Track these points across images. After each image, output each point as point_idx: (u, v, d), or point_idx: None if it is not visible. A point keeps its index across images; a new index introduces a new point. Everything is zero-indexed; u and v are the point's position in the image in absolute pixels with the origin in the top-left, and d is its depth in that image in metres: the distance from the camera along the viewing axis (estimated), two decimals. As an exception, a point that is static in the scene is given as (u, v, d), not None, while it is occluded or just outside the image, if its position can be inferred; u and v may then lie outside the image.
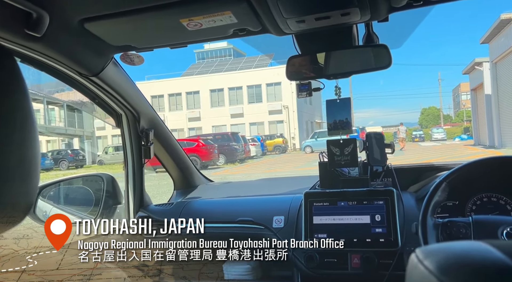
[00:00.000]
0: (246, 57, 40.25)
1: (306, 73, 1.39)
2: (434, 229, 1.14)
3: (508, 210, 1.34)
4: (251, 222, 1.54)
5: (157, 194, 2.10)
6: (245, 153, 20.95)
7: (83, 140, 31.73)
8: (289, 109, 32.65)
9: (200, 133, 30.33)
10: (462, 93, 53.98)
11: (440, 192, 1.19)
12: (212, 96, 35.25)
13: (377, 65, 1.31)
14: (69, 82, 1.43)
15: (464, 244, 0.40)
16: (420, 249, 0.42)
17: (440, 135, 35.38)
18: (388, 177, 1.54)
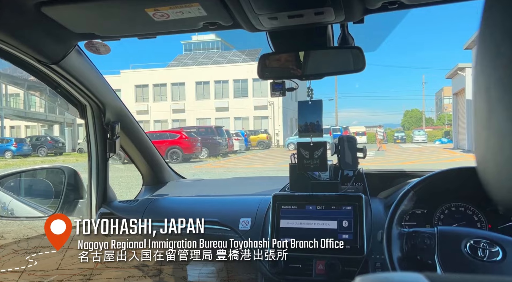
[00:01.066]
0: (233, 51, 40.03)
1: (279, 72, 1.35)
2: (398, 239, 1.11)
3: (475, 220, 1.32)
4: (217, 223, 1.49)
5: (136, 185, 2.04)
6: (228, 147, 20.88)
7: (64, 127, 31.13)
8: (275, 105, 32.68)
9: (184, 125, 30.08)
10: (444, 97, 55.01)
11: (407, 201, 1.16)
12: (198, 89, 34.98)
13: (351, 68, 1.27)
14: (28, 69, 1.35)
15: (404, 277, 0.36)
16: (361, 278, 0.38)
17: (421, 137, 36.00)
18: (359, 181, 1.52)
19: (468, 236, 1.03)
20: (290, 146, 24.78)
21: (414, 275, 0.35)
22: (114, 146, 1.62)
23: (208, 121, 32.97)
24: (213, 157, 18.72)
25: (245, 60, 35.35)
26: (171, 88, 35.36)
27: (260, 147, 27.24)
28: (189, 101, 34.71)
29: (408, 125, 61.79)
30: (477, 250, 1.00)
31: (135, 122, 1.78)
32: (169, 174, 2.03)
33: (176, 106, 34.62)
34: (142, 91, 35.39)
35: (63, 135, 29.24)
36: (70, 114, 1.61)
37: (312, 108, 1.36)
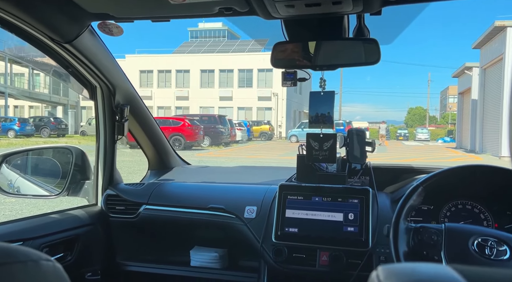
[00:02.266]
0: (240, 40, 39.77)
1: (292, 61, 1.33)
2: (405, 234, 1.11)
3: (482, 219, 1.32)
4: (222, 210, 1.49)
5: (138, 170, 2.03)
6: (230, 137, 20.87)
7: (67, 109, 31.15)
8: (279, 97, 32.58)
9: (187, 112, 30.04)
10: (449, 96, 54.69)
11: (416, 196, 1.16)
12: (202, 77, 34.86)
13: (365, 60, 1.25)
14: (41, 47, 1.34)
15: (431, 268, 0.35)
16: (383, 267, 0.38)
17: (424, 135, 35.93)
18: (366, 175, 1.51)
19: (476, 234, 1.03)
20: (292, 138, 24.76)
21: (443, 268, 0.35)
22: (123, 128, 1.62)
23: (212, 110, 32.93)
24: (215, 146, 18.73)
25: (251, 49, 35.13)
26: (176, 75, 35.24)
27: (262, 138, 27.22)
28: (193, 89, 34.63)
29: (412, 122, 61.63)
30: (484, 248, 1.00)
31: (144, 106, 1.77)
32: (175, 160, 2.03)
33: (180, 93, 34.54)
34: (146, 76, 35.29)
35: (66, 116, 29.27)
36: (81, 95, 1.59)
37: (324, 99, 1.35)
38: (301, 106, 37.95)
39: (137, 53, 37.50)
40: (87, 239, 1.49)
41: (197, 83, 34.75)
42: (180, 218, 1.54)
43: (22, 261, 0.40)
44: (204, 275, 1.56)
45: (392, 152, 17.73)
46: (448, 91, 55.21)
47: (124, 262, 1.63)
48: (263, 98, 33.18)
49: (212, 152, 16.29)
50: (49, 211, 1.49)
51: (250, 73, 33.83)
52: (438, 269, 0.35)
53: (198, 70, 34.57)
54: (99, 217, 1.59)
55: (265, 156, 14.26)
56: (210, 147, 18.31)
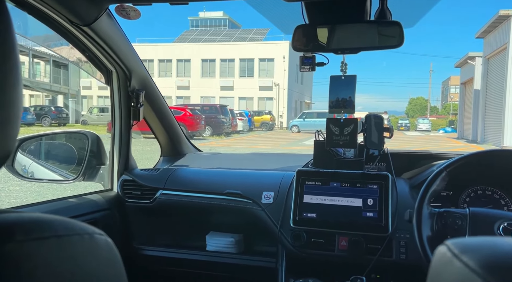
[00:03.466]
0: (241, 29, 39.50)
1: (313, 45, 1.31)
2: (429, 218, 1.11)
3: (502, 204, 1.32)
4: (239, 195, 1.49)
5: (140, 159, 2.03)
6: (232, 127, 20.85)
7: (68, 98, 31.06)
8: (280, 87, 32.46)
9: (188, 102, 29.98)
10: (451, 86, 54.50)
11: (439, 181, 1.15)
12: (203, 66, 34.68)
13: (387, 43, 1.24)
14: (59, 30, 1.33)
15: (509, 241, 0.35)
16: (454, 242, 0.37)
17: (425, 125, 35.87)
18: (383, 161, 1.50)
19: (501, 218, 1.03)
20: (294, 128, 24.73)
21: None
22: (138, 114, 1.61)
23: (213, 100, 32.85)
24: (216, 136, 18.73)
25: (252, 39, 34.91)
26: (177, 64, 35.07)
27: (263, 128, 27.19)
28: (194, 79, 34.49)
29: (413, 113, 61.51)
30: (510, 232, 1.00)
31: (159, 92, 1.76)
32: (187, 146, 2.03)
33: (181, 82, 34.41)
34: (147, 66, 34.73)
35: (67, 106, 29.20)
36: (96, 79, 1.58)
37: (345, 83, 1.33)
38: (303, 96, 37.83)
39: (138, 42, 37.25)
40: (105, 224, 1.49)
41: (198, 73, 34.60)
42: (197, 203, 1.54)
43: (79, 234, 0.42)
44: (220, 260, 1.56)
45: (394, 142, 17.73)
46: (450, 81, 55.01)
47: (141, 247, 1.64)
48: (264, 88, 33.06)
49: (214, 142, 16.29)
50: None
51: (251, 62, 33.65)
52: None
53: (199, 59, 34.39)
54: (115, 202, 1.59)
55: (266, 146, 14.26)
56: (211, 137, 18.30)
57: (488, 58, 18.38)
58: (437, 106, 65.27)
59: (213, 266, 1.57)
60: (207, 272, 1.58)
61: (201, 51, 34.23)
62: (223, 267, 1.56)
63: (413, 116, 52.16)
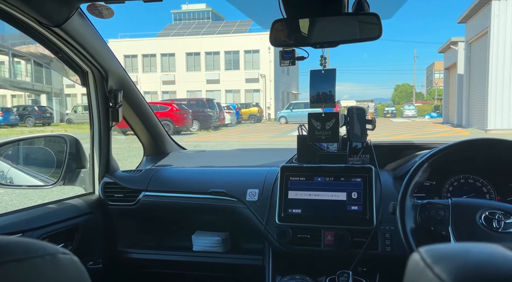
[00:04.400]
0: (225, 21, 39.18)
1: (291, 39, 1.29)
2: (412, 210, 1.11)
3: (484, 192, 1.33)
4: (223, 194, 1.47)
5: (128, 157, 2.00)
6: (219, 120, 20.76)
7: (51, 97, 30.50)
8: (266, 78, 32.37)
9: (174, 97, 29.71)
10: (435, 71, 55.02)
11: (421, 173, 1.15)
12: (188, 60, 34.35)
13: (366, 35, 1.22)
14: (29, 32, 1.28)
15: (483, 250, 0.34)
16: (427, 249, 0.36)
17: (411, 112, 36.24)
18: (367, 153, 1.50)
19: (483, 207, 1.03)
20: (282, 119, 24.73)
21: (496, 249, 0.33)
22: (117, 114, 1.57)
23: (199, 94, 32.63)
24: (204, 130, 18.63)
25: (237, 31, 34.66)
26: (161, 59, 34.67)
27: (251, 121, 27.14)
28: (180, 73, 34.16)
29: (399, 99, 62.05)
30: (492, 221, 1.00)
31: (138, 91, 1.72)
32: (171, 145, 2.00)
33: (166, 77, 34.06)
34: (131, 61, 34.64)
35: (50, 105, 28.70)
36: (71, 81, 1.54)
37: (325, 77, 1.32)
38: (289, 87, 37.82)
39: (120, 38, 36.67)
40: (87, 228, 1.46)
41: (183, 67, 34.27)
42: (181, 204, 1.52)
43: (41, 255, 0.40)
44: (207, 259, 1.55)
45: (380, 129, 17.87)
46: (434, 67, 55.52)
47: (125, 250, 1.62)
48: (250, 80, 32.93)
49: (202, 136, 16.21)
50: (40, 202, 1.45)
51: (237, 55, 33.44)
52: (491, 249, 0.33)
53: (184, 53, 34.04)
54: (97, 206, 1.56)
55: (255, 139, 14.25)
56: (199, 131, 18.21)
57: (470, 43, 18.57)
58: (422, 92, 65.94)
59: (200, 267, 1.55)
60: (194, 273, 1.57)
61: (186, 44, 33.87)
62: (210, 267, 1.54)
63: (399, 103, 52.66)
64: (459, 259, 0.32)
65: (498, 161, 1.24)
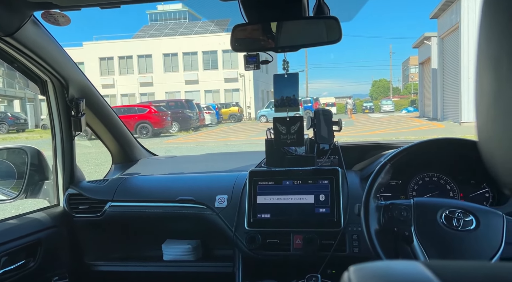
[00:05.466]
0: (201, 21, 38.93)
1: (253, 44, 1.28)
2: (376, 211, 1.11)
3: (448, 189, 1.35)
4: (192, 201, 1.45)
5: (104, 162, 1.96)
6: (199, 121, 20.63)
7: (25, 103, 29.67)
8: (245, 78, 32.34)
9: (152, 99, 29.35)
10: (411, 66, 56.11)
11: (384, 174, 1.16)
12: (166, 61, 34.00)
13: (327, 39, 1.22)
14: None
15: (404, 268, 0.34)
16: (355, 269, 0.36)
17: (389, 107, 36.87)
18: (335, 155, 1.51)
19: (443, 207, 1.04)
20: (262, 118, 24.78)
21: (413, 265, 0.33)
22: (80, 124, 1.53)
23: (178, 95, 32.33)
24: (184, 131, 18.49)
25: (214, 30, 34.49)
26: (138, 61, 34.19)
27: (231, 120, 27.09)
28: (157, 74, 33.77)
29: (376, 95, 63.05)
30: (452, 219, 1.01)
31: (101, 98, 1.68)
32: (140, 152, 1.96)
33: (144, 79, 33.61)
34: (107, 64, 34.05)
35: (24, 111, 27.93)
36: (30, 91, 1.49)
37: (288, 81, 1.31)
38: (269, 86, 37.90)
39: (95, 40, 35.99)
40: (50, 243, 1.42)
41: (160, 68, 33.89)
42: (149, 213, 1.49)
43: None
44: (178, 269, 1.53)
45: (359, 125, 18.13)
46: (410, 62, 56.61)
47: (93, 263, 1.58)
48: (229, 79, 32.84)
49: (182, 137, 16.08)
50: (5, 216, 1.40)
51: (215, 54, 33.29)
52: (411, 269, 0.33)
53: (161, 54, 33.66)
54: (62, 218, 1.52)
55: (236, 138, 14.22)
56: (179, 133, 18.05)
57: (443, 38, 19.01)
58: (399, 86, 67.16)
59: (171, 277, 1.53)
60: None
61: (162, 45, 33.49)
62: (181, 276, 1.52)
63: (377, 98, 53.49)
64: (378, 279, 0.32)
65: (460, 159, 1.27)
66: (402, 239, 1.06)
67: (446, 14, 18.06)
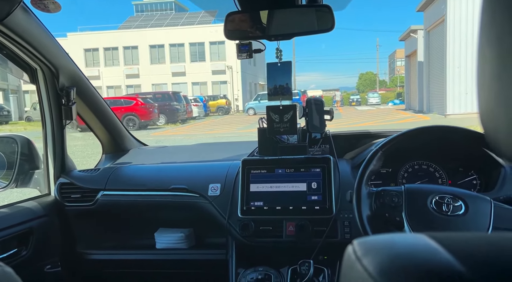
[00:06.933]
0: (188, 13, 38.49)
1: (246, 32, 1.29)
2: (367, 198, 1.14)
3: (437, 177, 1.39)
4: (185, 190, 1.46)
5: (97, 153, 1.95)
6: (187, 113, 20.51)
7: (8, 94, 29.03)
8: (233, 70, 32.18)
9: (138, 91, 29.02)
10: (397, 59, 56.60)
11: (376, 161, 1.18)
12: (152, 52, 33.57)
13: (320, 27, 1.23)
14: None
15: (408, 239, 0.35)
16: (359, 242, 0.37)
17: (375, 99, 37.16)
18: (326, 144, 1.53)
19: (433, 193, 1.07)
20: (250, 111, 24.75)
21: (422, 239, 0.34)
22: (71, 112, 1.52)
23: (165, 87, 32.03)
24: (172, 124, 18.36)
25: (201, 22, 34.15)
26: (124, 52, 33.69)
27: (219, 113, 26.99)
28: (143, 66, 33.35)
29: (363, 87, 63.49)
30: (441, 205, 1.04)
31: (92, 87, 1.67)
32: (131, 142, 1.96)
33: (130, 71, 33.17)
34: (92, 55, 33.47)
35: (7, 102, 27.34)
36: (20, 79, 1.46)
37: (281, 70, 1.32)
38: (256, 78, 37.81)
39: (80, 31, 35.32)
40: (42, 231, 1.41)
41: (147, 60, 33.47)
42: (141, 202, 1.49)
43: None
44: (170, 257, 1.54)
45: (347, 117, 18.27)
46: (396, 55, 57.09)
47: (85, 251, 1.57)
48: (217, 71, 32.63)
49: (169, 130, 15.97)
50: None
51: (202, 46, 33.00)
52: (416, 240, 0.35)
53: (147, 45, 33.22)
54: (53, 207, 1.51)
55: (224, 131, 14.19)
56: (166, 125, 17.93)
57: (429, 31, 19.19)
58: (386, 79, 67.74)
59: (164, 264, 1.54)
60: (158, 271, 1.55)
61: (149, 36, 33.04)
62: (174, 264, 1.53)
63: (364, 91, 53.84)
64: (385, 252, 0.33)
65: (449, 147, 1.30)
66: (393, 225, 1.09)
67: (432, 7, 18.21)
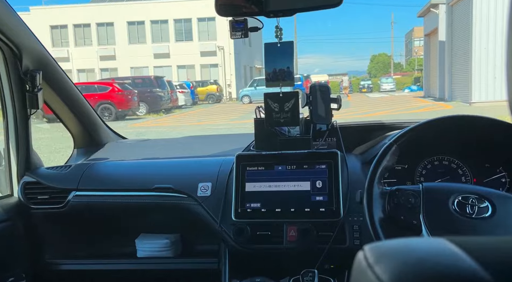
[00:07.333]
0: (173, -16, 38.20)
1: (240, 7, 1.29)
2: (380, 198, 1.15)
3: (460, 174, 1.40)
4: (170, 189, 1.46)
5: (61, 148, 1.95)
6: (171, 101, 20.48)
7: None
8: (225, 51, 32.06)
9: (115, 75, 28.89)
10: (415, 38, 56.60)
11: (390, 156, 1.19)
12: (131, 30, 33.36)
13: (325, 2, 1.24)
14: None
15: (426, 245, 0.36)
16: (370, 247, 0.38)
17: (389, 85, 37.22)
18: (333, 136, 1.53)
19: (455, 192, 1.08)
20: (245, 99, 24.75)
21: (440, 243, 0.35)
22: (36, 100, 1.51)
23: (146, 71, 31.89)
24: (154, 114, 18.34)
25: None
26: (97, 30, 33.47)
27: (209, 101, 26.97)
28: (120, 46, 33.16)
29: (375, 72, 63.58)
30: (465, 206, 1.05)
31: (61, 70, 1.66)
32: (107, 134, 1.96)
33: (104, 52, 32.98)
34: (60, 33, 33.22)
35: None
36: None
37: (281, 51, 1.32)
38: (252, 61, 37.72)
39: (45, 5, 34.98)
40: (4, 239, 1.42)
41: (124, 39, 33.26)
42: (120, 204, 1.50)
43: None
44: (154, 266, 1.55)
45: (356, 106, 18.30)
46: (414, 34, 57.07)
47: (55, 261, 1.58)
48: (206, 53, 32.51)
49: (151, 120, 15.96)
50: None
51: (189, 23, 32.82)
52: (434, 244, 0.35)
53: (125, 22, 33.00)
54: (16, 210, 1.51)
55: (214, 122, 14.20)
56: (148, 115, 17.90)
57: (452, 5, 19.17)
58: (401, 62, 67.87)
59: (147, 275, 1.55)
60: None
61: (126, 12, 32.82)
62: (158, 274, 1.54)
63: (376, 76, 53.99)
64: (399, 258, 0.34)
65: (474, 140, 1.30)
66: (409, 229, 1.10)
67: (456, -22, 18.19)
